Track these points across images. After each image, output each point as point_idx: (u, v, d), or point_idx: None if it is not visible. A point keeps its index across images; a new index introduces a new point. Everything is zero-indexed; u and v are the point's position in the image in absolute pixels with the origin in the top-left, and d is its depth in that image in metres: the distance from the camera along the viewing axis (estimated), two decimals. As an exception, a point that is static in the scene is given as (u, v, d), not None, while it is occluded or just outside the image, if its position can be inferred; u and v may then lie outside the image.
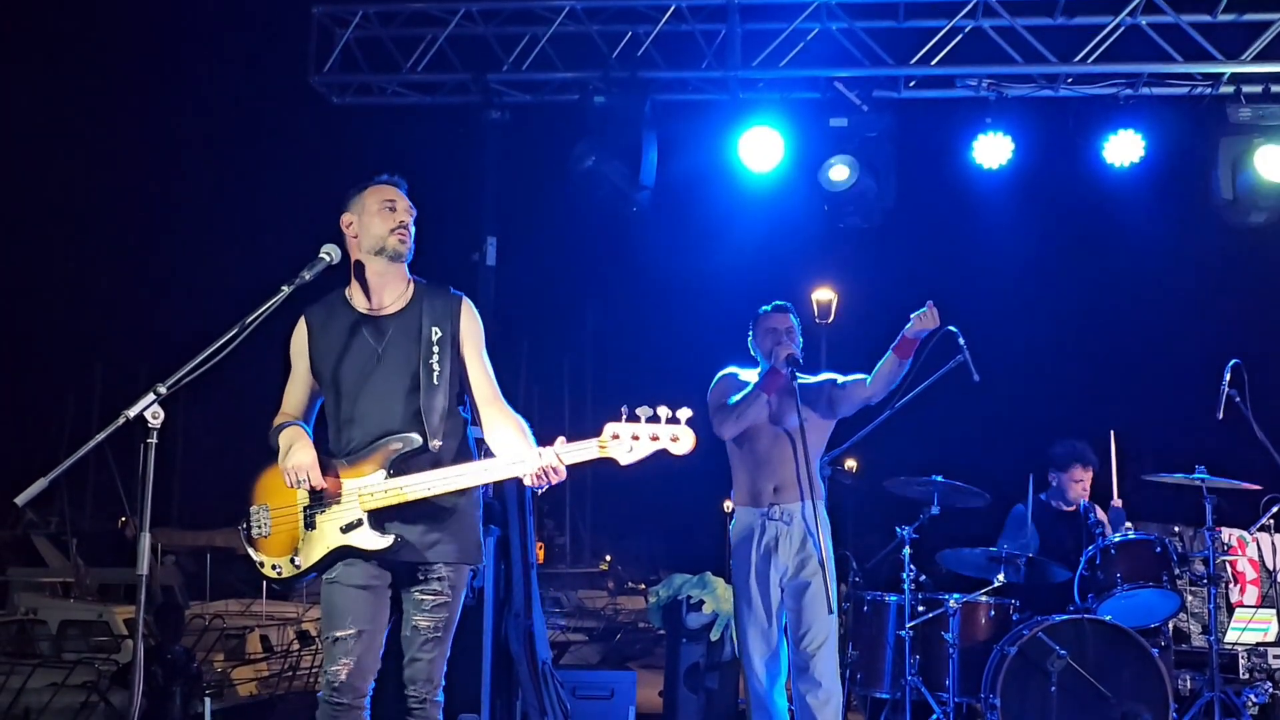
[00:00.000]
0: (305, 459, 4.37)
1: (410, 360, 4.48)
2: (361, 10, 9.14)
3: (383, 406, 4.46)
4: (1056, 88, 8.85)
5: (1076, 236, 24.00)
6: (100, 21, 51.70)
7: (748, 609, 6.19)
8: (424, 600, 4.43)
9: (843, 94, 8.68)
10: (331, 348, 4.55)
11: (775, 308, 6.39)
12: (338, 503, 4.40)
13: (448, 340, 4.52)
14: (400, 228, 4.54)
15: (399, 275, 4.60)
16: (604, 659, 22.12)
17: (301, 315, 4.64)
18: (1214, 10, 8.50)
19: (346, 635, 4.41)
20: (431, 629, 4.43)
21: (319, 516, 4.42)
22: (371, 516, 4.36)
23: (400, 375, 4.47)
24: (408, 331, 4.52)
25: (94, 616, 19.67)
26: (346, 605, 4.43)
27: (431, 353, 4.48)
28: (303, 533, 4.44)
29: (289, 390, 4.68)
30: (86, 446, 3.93)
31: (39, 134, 43.48)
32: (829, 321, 22.21)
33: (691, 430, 4.19)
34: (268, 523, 4.49)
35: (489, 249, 8.72)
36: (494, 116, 9.07)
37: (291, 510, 4.46)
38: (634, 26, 8.99)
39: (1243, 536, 7.85)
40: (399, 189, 4.64)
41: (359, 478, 4.39)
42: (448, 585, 4.45)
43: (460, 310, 4.59)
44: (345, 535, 4.38)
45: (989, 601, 7.10)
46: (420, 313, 4.54)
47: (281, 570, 4.48)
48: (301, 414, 4.64)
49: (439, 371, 4.47)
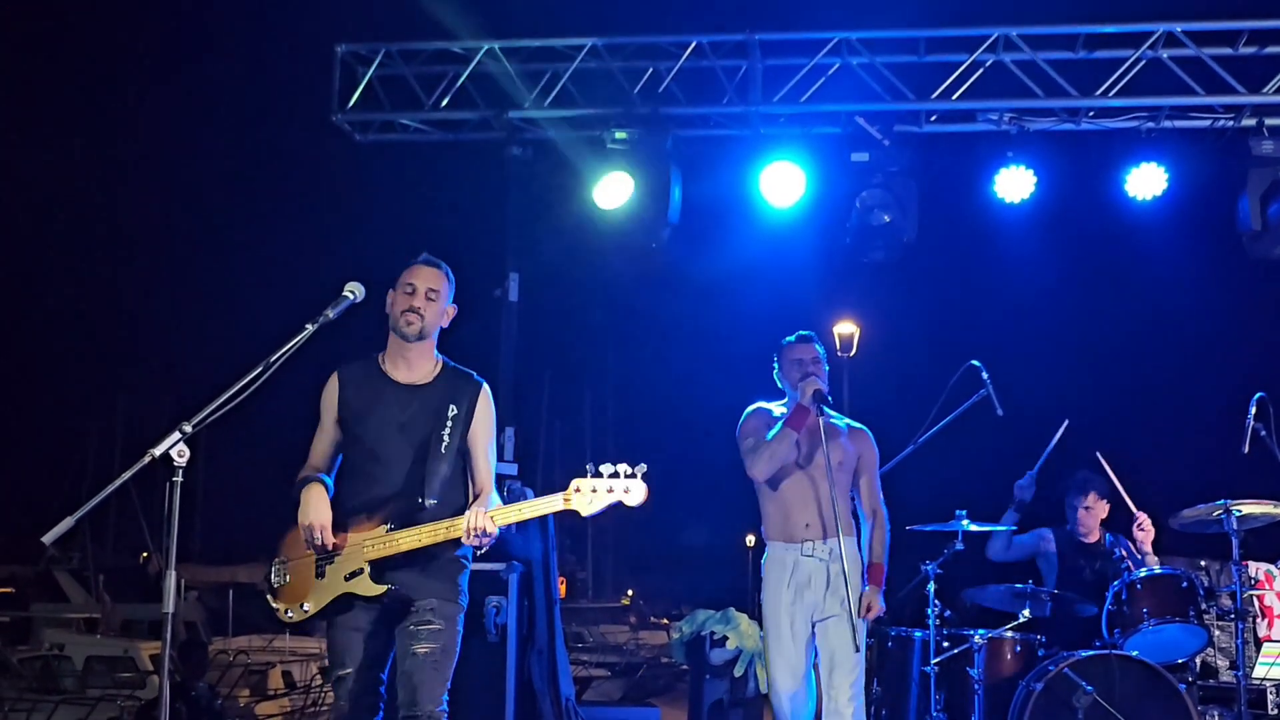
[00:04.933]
0: (320, 518, 4.85)
1: (425, 430, 4.94)
2: (384, 48, 9.21)
3: (395, 468, 4.92)
4: (1078, 121, 8.85)
5: (1099, 270, 23.88)
6: (125, 59, 52.14)
7: (777, 644, 6.17)
8: (418, 630, 4.83)
9: (864, 129, 8.69)
10: (359, 408, 5.02)
11: (799, 338, 6.39)
12: (344, 555, 4.88)
13: (461, 419, 4.98)
14: (409, 311, 4.96)
15: (424, 352, 5.06)
16: (626, 695, 21.98)
17: (335, 371, 5.12)
18: (1235, 43, 8.51)
19: (346, 674, 4.90)
20: (428, 654, 4.81)
21: (328, 567, 4.91)
22: (372, 566, 4.82)
23: (414, 442, 4.94)
24: (428, 405, 4.97)
25: (120, 652, 19.72)
26: (346, 645, 4.92)
27: (445, 425, 4.94)
28: (314, 581, 4.94)
29: (315, 442, 5.12)
30: (112, 485, 3.97)
31: (62, 169, 43.80)
32: (851, 355, 22.19)
33: (643, 484, 4.62)
34: (285, 573, 5.03)
35: (511, 285, 8.74)
36: (516, 153, 9.11)
37: (307, 561, 4.96)
38: (655, 63, 9.04)
39: (1270, 570, 7.78)
40: (431, 269, 5.05)
41: (363, 532, 4.87)
42: (438, 615, 4.87)
43: (478, 397, 5.06)
44: (348, 583, 4.85)
45: (1014, 637, 7.06)
46: (443, 390, 5.01)
47: (293, 615, 4.99)
48: (325, 466, 5.09)
49: (447, 443, 4.93)
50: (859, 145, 8.66)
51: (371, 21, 9.74)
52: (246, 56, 45.07)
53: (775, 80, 8.92)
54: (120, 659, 19.46)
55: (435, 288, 5.02)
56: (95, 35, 46.61)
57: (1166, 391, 27.98)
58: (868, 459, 6.38)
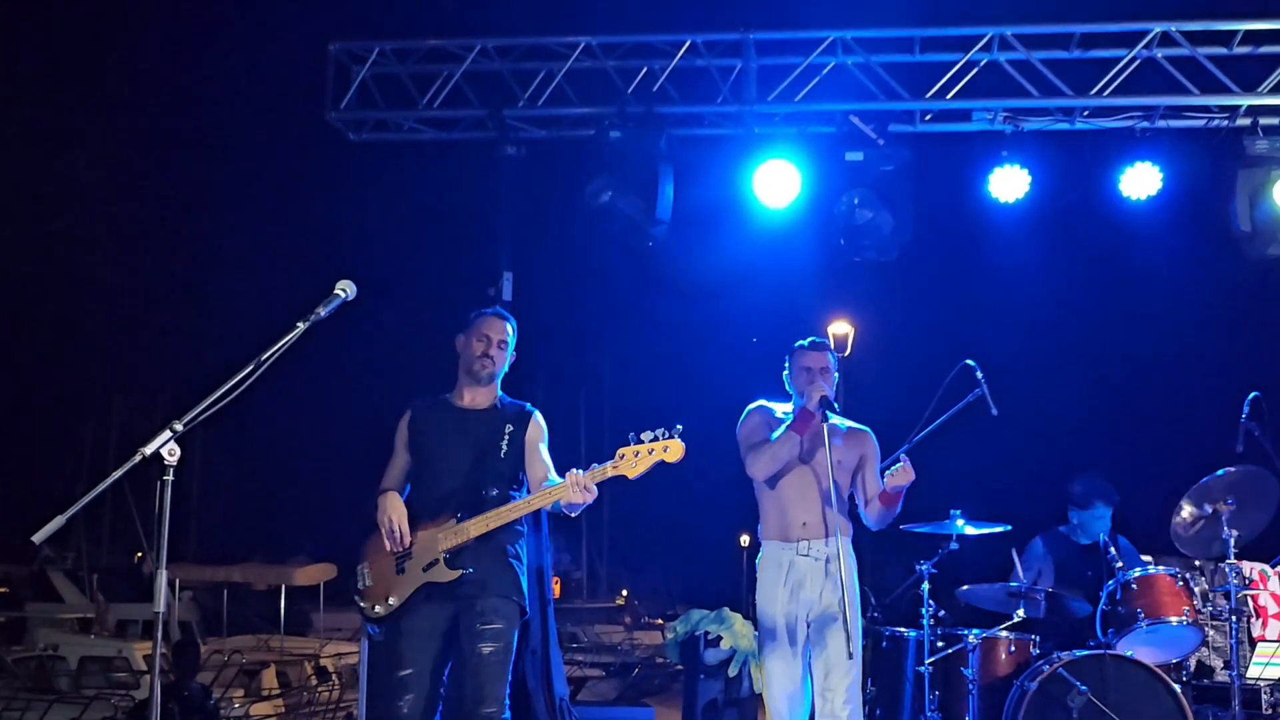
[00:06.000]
0: (397, 513, 5.48)
1: (485, 441, 5.60)
2: (378, 47, 9.20)
3: (460, 466, 5.56)
4: (1073, 121, 8.85)
5: (1093, 269, 23.94)
6: (118, 58, 52.05)
7: (772, 643, 6.17)
8: (483, 630, 5.35)
9: (859, 128, 8.68)
10: (427, 428, 5.72)
11: (813, 344, 6.39)
12: (419, 548, 5.44)
13: (518, 435, 5.65)
14: (484, 357, 5.69)
15: (490, 390, 5.78)
16: (621, 695, 22.02)
17: (409, 407, 5.82)
18: (1230, 43, 8.51)
19: (407, 675, 5.38)
20: (493, 653, 5.33)
21: (408, 563, 5.46)
22: (446, 555, 5.37)
23: (476, 451, 5.58)
24: (489, 424, 5.67)
25: (114, 653, 19.73)
26: (412, 647, 5.41)
27: (503, 437, 5.61)
28: (395, 578, 5.48)
29: (389, 467, 5.76)
30: (103, 485, 3.95)
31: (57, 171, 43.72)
32: (845, 355, 22.17)
33: (681, 442, 5.16)
34: (368, 575, 5.59)
35: (505, 284, 8.72)
36: (510, 152, 9.09)
37: (388, 560, 5.51)
38: (649, 62, 9.03)
39: (1264, 570, 7.79)
40: (502, 321, 5.81)
41: (436, 526, 5.44)
42: (500, 616, 5.39)
43: (530, 419, 5.75)
44: (426, 573, 5.41)
45: (1009, 637, 7.05)
46: (503, 414, 5.71)
47: (380, 610, 5.49)
48: (398, 487, 5.70)
49: (505, 450, 5.59)
50: (853, 144, 8.65)
51: (365, 20, 9.75)
52: (240, 55, 45.10)
53: (770, 79, 8.91)
54: (115, 659, 19.45)
55: (505, 339, 5.76)
56: (90, 36, 46.59)
57: (1160, 390, 27.99)
58: (870, 458, 6.38)
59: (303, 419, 32.76)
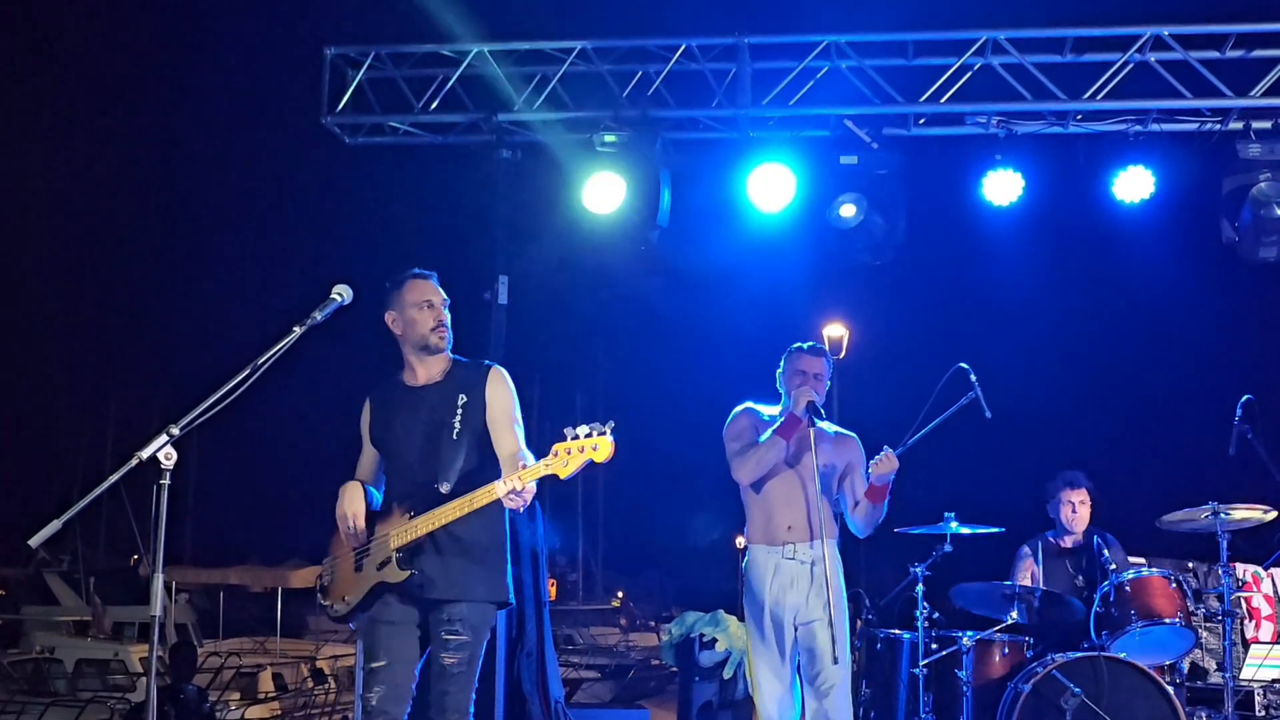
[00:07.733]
0: (352, 507, 5.15)
1: (439, 422, 5.16)
2: (374, 51, 9.21)
3: (413, 461, 5.17)
4: (1066, 124, 8.88)
5: (1086, 272, 23.97)
6: (116, 62, 52.09)
7: (761, 647, 6.18)
8: (448, 640, 5.05)
9: (853, 131, 8.71)
10: (385, 419, 5.32)
11: (811, 349, 6.40)
12: (375, 546, 5.14)
13: (473, 404, 5.18)
14: (440, 326, 5.24)
15: (441, 355, 5.31)
16: (616, 697, 22.00)
17: (366, 396, 5.45)
18: (1222, 47, 8.54)
19: (379, 666, 5.10)
20: (454, 665, 5.02)
21: (365, 560, 5.17)
22: (399, 554, 5.03)
23: (431, 435, 5.16)
24: (439, 399, 5.22)
25: (110, 655, 19.71)
26: (381, 639, 5.14)
27: (455, 414, 5.15)
28: (353, 575, 5.21)
29: (359, 462, 5.44)
30: (100, 488, 3.97)
31: (54, 175, 43.72)
32: (840, 358, 22.20)
33: (610, 439, 4.77)
34: (333, 571, 5.32)
35: (500, 288, 8.73)
36: (505, 156, 9.10)
37: (348, 557, 5.24)
38: (644, 66, 9.04)
39: (1257, 572, 7.81)
40: (431, 281, 5.29)
41: (391, 523, 5.12)
42: (468, 627, 5.05)
43: (487, 378, 5.27)
44: (379, 572, 5.09)
45: (1003, 639, 7.07)
46: (453, 383, 5.25)
47: (338, 609, 5.24)
48: (369, 479, 5.36)
49: (458, 429, 5.13)
50: (848, 148, 8.68)
51: (361, 24, 9.74)
52: (237, 59, 45.11)
53: (764, 83, 8.93)
54: (111, 662, 19.44)
55: (443, 296, 5.30)
56: (88, 39, 46.59)
57: (1154, 393, 28.01)
58: (856, 464, 6.39)
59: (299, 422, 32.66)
